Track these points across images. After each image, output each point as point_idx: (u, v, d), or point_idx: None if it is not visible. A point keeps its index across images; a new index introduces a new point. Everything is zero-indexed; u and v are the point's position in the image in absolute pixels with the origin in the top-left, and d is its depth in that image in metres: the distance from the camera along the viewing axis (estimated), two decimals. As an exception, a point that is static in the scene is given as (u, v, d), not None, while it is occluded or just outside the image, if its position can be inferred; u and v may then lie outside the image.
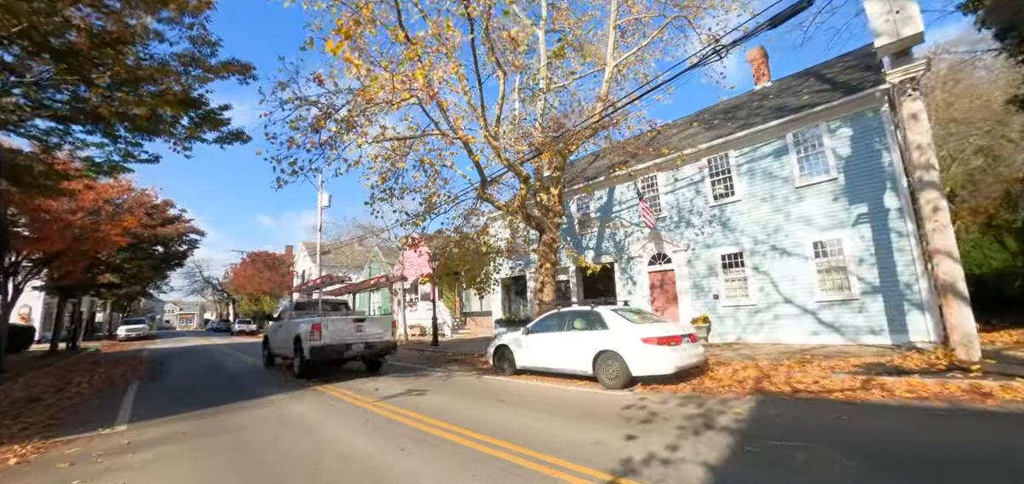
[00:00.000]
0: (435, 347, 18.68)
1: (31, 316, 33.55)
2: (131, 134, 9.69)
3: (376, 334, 12.20)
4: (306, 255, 49.36)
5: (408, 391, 8.90)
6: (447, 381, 10.34)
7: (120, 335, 38.60)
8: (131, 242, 18.42)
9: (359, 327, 11.88)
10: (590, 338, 9.21)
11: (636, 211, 16.93)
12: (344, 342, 11.27)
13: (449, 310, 26.17)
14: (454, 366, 13.37)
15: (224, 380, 11.84)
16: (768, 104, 15.83)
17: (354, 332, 11.66)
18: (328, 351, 10.90)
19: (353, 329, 11.70)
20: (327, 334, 10.96)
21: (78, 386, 11.05)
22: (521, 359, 10.48)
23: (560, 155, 14.55)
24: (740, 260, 14.21)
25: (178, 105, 9.02)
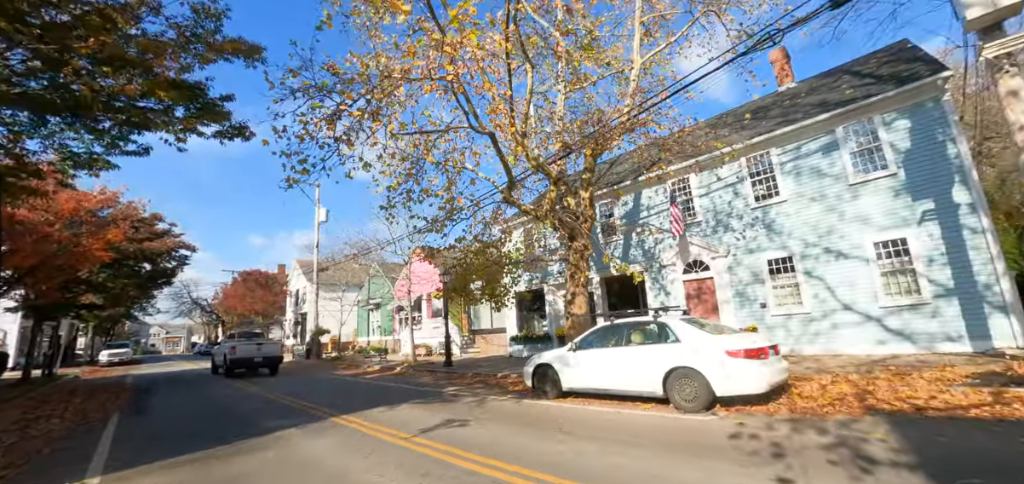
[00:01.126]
0: (449, 367, 17.18)
1: (5, 341, 31.40)
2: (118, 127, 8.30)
3: (270, 350, 19.90)
4: (301, 273, 47.53)
5: (445, 422, 7.47)
6: (482, 407, 8.91)
7: (102, 360, 36.38)
8: (115, 258, 16.83)
9: (259, 346, 19.64)
10: (657, 353, 7.89)
11: (668, 216, 15.74)
12: (250, 355, 19.03)
13: (457, 328, 24.66)
14: (479, 387, 11.93)
15: (221, 411, 10.29)
16: (806, 101, 14.84)
17: (256, 349, 19.39)
18: (241, 361, 18.75)
19: (255, 348, 19.41)
20: (240, 351, 18.96)
21: (47, 422, 9.44)
22: (569, 380, 9.10)
23: (590, 156, 13.37)
24: (789, 265, 13.02)
25: (172, 89, 7.68)
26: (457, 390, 11.76)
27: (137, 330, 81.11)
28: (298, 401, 10.92)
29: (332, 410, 9.20)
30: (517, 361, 17.88)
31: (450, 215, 11.95)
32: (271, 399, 11.79)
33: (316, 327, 29.66)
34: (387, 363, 21.82)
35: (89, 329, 47.38)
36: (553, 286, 19.17)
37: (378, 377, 17.01)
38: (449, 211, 11.92)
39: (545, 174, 12.50)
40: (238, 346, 18.92)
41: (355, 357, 28.68)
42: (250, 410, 10.10)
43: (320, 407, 9.70)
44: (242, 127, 9.03)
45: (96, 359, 39.41)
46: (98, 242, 15.13)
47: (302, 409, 9.66)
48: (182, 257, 22.08)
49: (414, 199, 11.97)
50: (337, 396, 11.67)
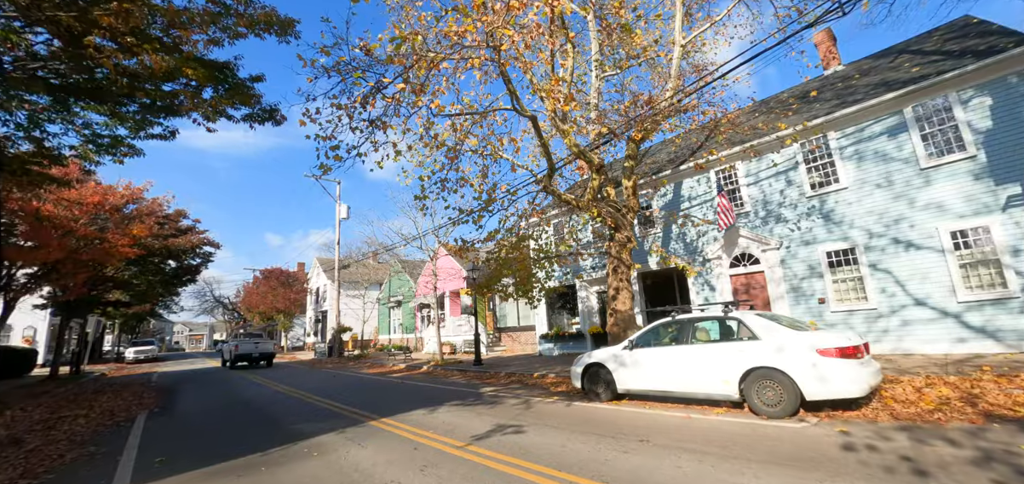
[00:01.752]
0: (478, 366, 16.52)
1: (35, 339, 31.78)
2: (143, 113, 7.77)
3: (265, 348, 24.70)
4: (321, 271, 47.49)
5: (497, 428, 6.77)
6: (531, 411, 8.19)
7: (128, 358, 36.71)
8: (140, 254, 16.55)
9: (256, 344, 24.43)
10: (730, 352, 7.07)
11: (712, 206, 14.82)
12: (249, 352, 23.79)
13: (482, 325, 23.99)
14: (517, 388, 11.22)
15: (251, 412, 9.77)
16: (862, 83, 13.81)
17: (254, 346, 24.25)
18: (242, 356, 23.57)
19: (253, 345, 24.26)
20: (241, 348, 23.78)
21: (72, 422, 9.01)
22: (624, 381, 8.33)
23: (634, 142, 12.55)
24: (851, 257, 12.03)
25: (200, 66, 7.12)
26: (495, 391, 11.07)
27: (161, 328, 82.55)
28: (330, 402, 10.35)
29: (369, 412, 8.58)
30: (548, 360, 17.15)
31: (487, 205, 11.25)
32: (300, 398, 11.26)
33: (338, 325, 29.31)
34: (412, 361, 21.28)
35: (115, 327, 48.05)
36: (586, 282, 18.37)
37: (405, 376, 16.43)
38: (486, 201, 11.23)
39: (587, 161, 11.73)
40: (239, 344, 24.32)
41: (378, 355, 28.26)
42: (281, 411, 9.55)
43: (355, 409, 9.10)
44: (273, 110, 8.46)
45: (122, 356, 39.83)
46: (124, 238, 14.83)
47: (337, 411, 9.06)
48: (206, 254, 21.85)
49: (449, 187, 11.34)
50: (369, 396, 11.08)
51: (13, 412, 10.19)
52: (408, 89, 7.48)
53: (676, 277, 17.27)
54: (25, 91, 6.55)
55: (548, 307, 19.88)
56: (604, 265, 17.85)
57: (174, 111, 8.06)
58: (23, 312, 26.73)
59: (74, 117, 6.81)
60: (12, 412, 10.16)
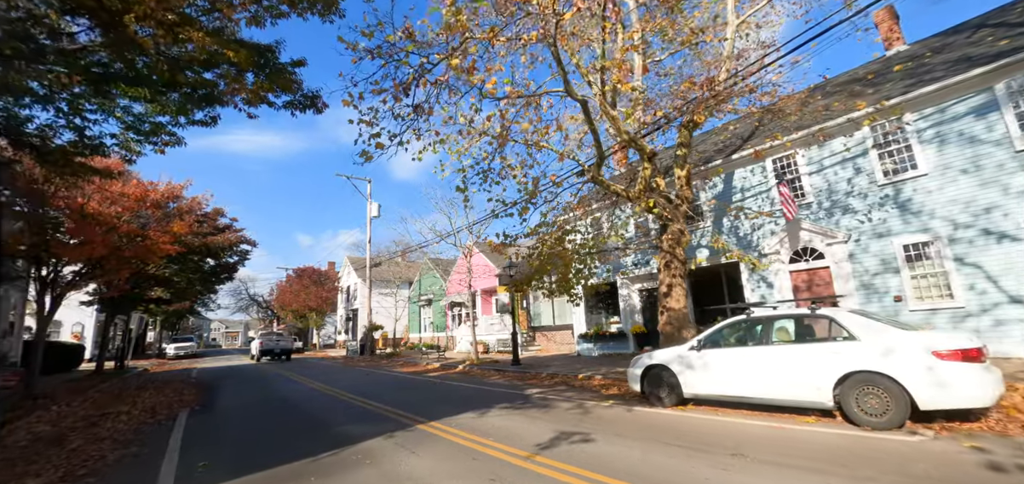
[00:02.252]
0: (517, 365, 15.95)
1: (83, 334, 32.94)
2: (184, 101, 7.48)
3: (285, 344, 30.16)
4: (352, 270, 47.87)
5: (560, 435, 6.15)
6: (590, 416, 7.54)
7: (169, 353, 37.77)
8: (180, 251, 16.63)
9: (277, 341, 29.95)
10: (822, 354, 6.26)
11: (767, 198, 13.84)
12: (272, 347, 28.88)
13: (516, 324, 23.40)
14: (564, 390, 10.57)
15: (292, 412, 9.45)
16: (936, 60, 12.60)
17: (275, 343, 29.45)
18: (266, 351, 28.56)
19: (275, 342, 29.58)
20: (264, 344, 29.15)
21: (115, 418, 8.86)
22: (692, 385, 7.59)
23: (686, 128, 11.74)
24: (933, 250, 10.91)
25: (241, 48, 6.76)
26: (541, 393, 10.46)
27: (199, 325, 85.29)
28: (371, 402, 9.95)
29: (414, 415, 8.09)
30: (589, 361, 16.44)
31: (531, 196, 10.65)
32: (339, 397, 10.92)
33: (369, 323, 29.25)
34: (446, 361, 20.89)
35: (157, 323, 49.61)
36: (628, 279, 17.57)
37: (442, 376, 16.00)
38: (530, 192, 10.63)
39: (638, 149, 10.99)
40: (264, 341, 30.08)
41: (410, 354, 28.05)
42: (323, 411, 9.18)
43: (399, 410, 8.63)
44: (314, 96, 8.06)
45: (163, 352, 41.03)
46: (164, 236, 14.89)
47: (381, 412, 8.62)
48: (243, 252, 22.01)
49: (492, 178, 10.80)
50: (410, 397, 10.64)
51: (59, 407, 10.17)
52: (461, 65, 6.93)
53: (724, 275, 16.28)
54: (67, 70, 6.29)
55: (587, 306, 19.15)
56: (648, 261, 17.04)
57: (215, 99, 7.77)
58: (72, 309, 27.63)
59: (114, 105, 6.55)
60: (58, 407, 10.14)
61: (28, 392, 10.82)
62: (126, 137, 7.08)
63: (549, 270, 12.86)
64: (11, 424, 8.22)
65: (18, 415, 9.08)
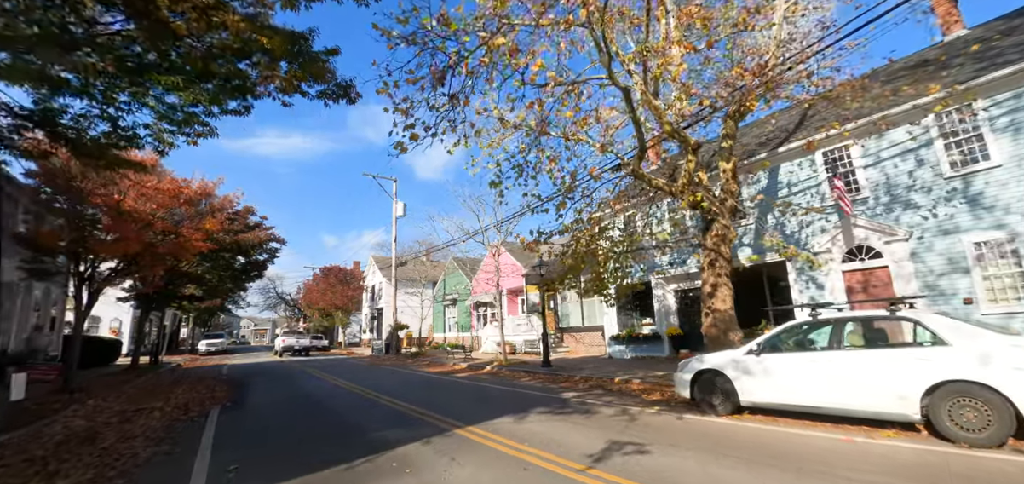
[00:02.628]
0: (547, 367, 15.48)
1: (121, 330, 33.93)
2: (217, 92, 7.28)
3: (304, 342, 34.62)
4: (377, 269, 48.18)
5: (612, 445, 5.66)
6: (637, 424, 7.02)
7: (201, 349, 38.66)
8: (212, 248, 16.77)
9: (297, 339, 34.74)
10: (906, 361, 5.60)
11: (816, 194, 13.01)
12: (292, 345, 33.46)
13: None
14: (601, 394, 10.05)
15: (322, 412, 9.22)
16: (1012, 41, 11.58)
17: (296, 340, 34.28)
18: (287, 348, 33.27)
19: (295, 340, 34.39)
20: (285, 342, 34.02)
21: (148, 415, 8.77)
22: (749, 391, 6.99)
23: (731, 119, 11.07)
24: (1009, 248, 9.98)
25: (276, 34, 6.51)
26: (578, 397, 9.96)
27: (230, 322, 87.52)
28: (402, 403, 9.63)
29: (449, 418, 7.71)
30: (622, 363, 15.85)
31: (568, 191, 10.18)
32: (369, 397, 10.66)
33: (395, 322, 29.22)
34: (473, 361, 20.55)
35: (189, 320, 50.97)
36: (662, 279, 16.89)
37: (470, 376, 15.65)
38: (568, 186, 10.16)
39: (681, 141, 10.40)
40: (285, 339, 34.85)
41: (435, 353, 27.87)
42: (353, 411, 8.91)
43: (433, 413, 8.28)
44: (347, 86, 7.78)
45: (196, 348, 42.04)
46: (197, 233, 15.00)
47: (414, 415, 8.28)
48: (272, 250, 22.19)
49: (528, 172, 10.37)
50: (442, 398, 10.30)
51: (95, 402, 10.20)
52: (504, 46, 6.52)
53: (766, 276, 15.46)
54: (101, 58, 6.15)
55: (619, 307, 18.53)
56: (684, 260, 16.34)
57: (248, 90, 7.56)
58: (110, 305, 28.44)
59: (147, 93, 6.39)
60: (94, 402, 10.16)
61: (66, 386, 10.92)
62: (159, 128, 6.94)
63: (583, 269, 12.33)
64: (48, 418, 8.19)
65: (55, 409, 9.09)
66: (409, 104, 7.96)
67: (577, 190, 10.88)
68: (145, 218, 12.62)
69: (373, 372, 18.38)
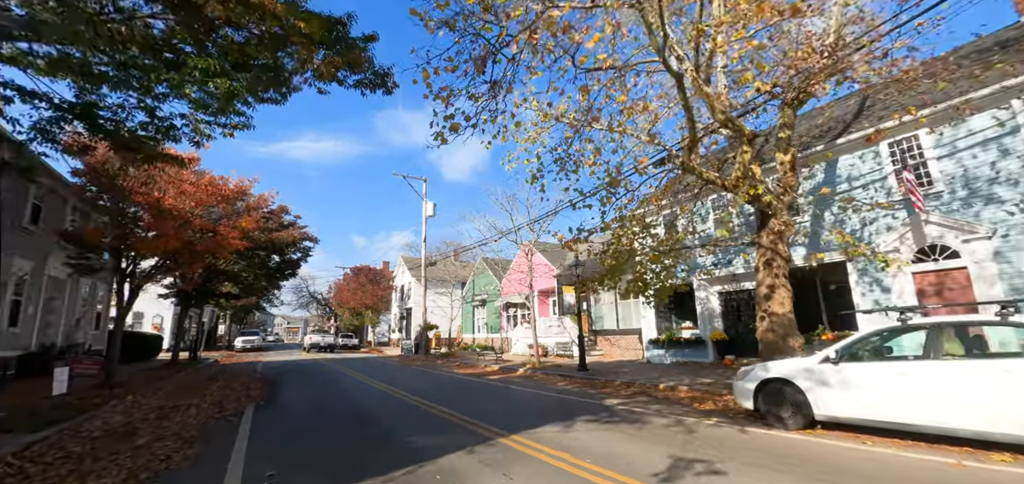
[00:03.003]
0: (584, 371, 14.87)
1: (162, 326, 35.07)
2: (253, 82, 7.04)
3: (329, 340, 42.31)
4: (406, 269, 48.42)
5: (678, 462, 5.08)
6: (698, 437, 6.39)
7: (237, 346, 39.61)
8: (248, 246, 16.89)
9: (323, 337, 42.50)
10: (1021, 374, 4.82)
11: (880, 188, 11.99)
12: (317, 342, 40.66)
13: (576, 327, 22.26)
14: (649, 401, 9.41)
15: (357, 414, 8.93)
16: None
17: (321, 339, 41.77)
18: (313, 345, 40.45)
19: (321, 338, 41.97)
20: (314, 339, 41.57)
21: (184, 412, 8.65)
22: (826, 404, 6.26)
23: (789, 107, 10.27)
24: (1118, 249, 8.84)
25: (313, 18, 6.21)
26: (623, 404, 9.35)
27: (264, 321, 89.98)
28: (438, 407, 9.25)
29: (491, 425, 7.25)
30: (659, 369, 15.12)
31: (614, 185, 9.60)
32: (404, 399, 10.33)
33: (424, 322, 29.07)
34: (504, 363, 20.10)
35: (226, 317, 52.48)
36: (706, 281, 16.04)
37: (503, 379, 15.20)
38: (613, 180, 9.58)
39: (735, 130, 9.68)
40: (312, 337, 41.58)
41: (465, 354, 27.56)
42: (388, 414, 8.58)
43: (472, 419, 7.84)
44: (385, 74, 7.46)
45: (232, 345, 43.18)
46: (234, 231, 15.09)
47: (453, 420, 7.87)
48: (305, 248, 22.35)
49: (569, 167, 9.85)
50: (479, 403, 9.87)
51: (134, 397, 10.21)
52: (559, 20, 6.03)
53: (819, 279, 14.44)
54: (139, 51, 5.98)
55: (657, 309, 17.75)
56: (730, 261, 15.47)
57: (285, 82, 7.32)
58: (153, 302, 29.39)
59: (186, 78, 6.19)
60: (133, 397, 10.17)
61: (107, 381, 11.02)
62: (195, 118, 6.77)
63: (625, 269, 11.69)
64: (89, 413, 8.16)
65: (96, 404, 9.09)
66: (449, 93, 7.56)
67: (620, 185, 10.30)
68: (184, 216, 12.69)
69: (404, 372, 18.16)
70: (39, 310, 14.53)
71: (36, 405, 8.13)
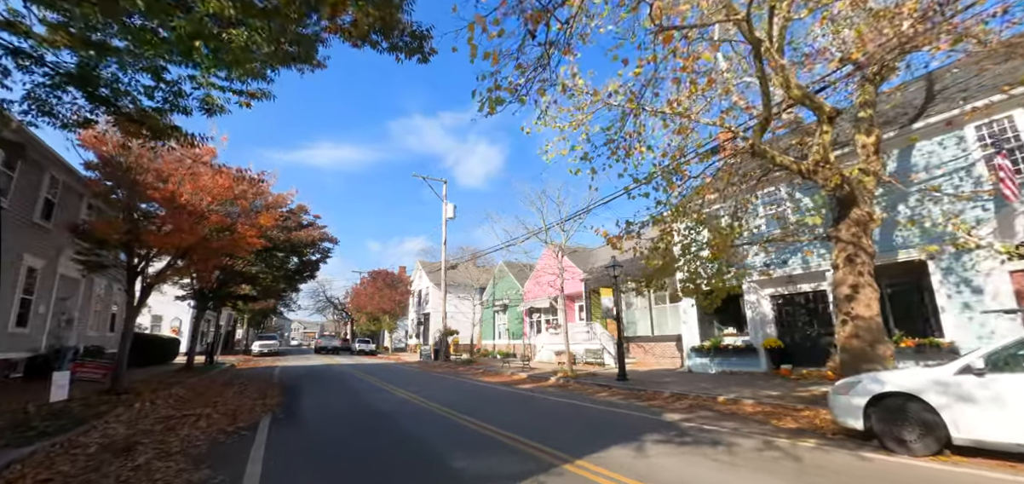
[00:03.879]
0: (623, 381, 13.68)
1: (181, 329, 34.69)
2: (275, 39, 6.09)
3: (334, 343, 46.20)
4: (424, 274, 47.64)
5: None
6: (806, 467, 5.21)
7: (254, 350, 39.15)
8: (266, 245, 16.14)
9: (329, 340, 48.51)
10: None
11: (967, 176, 10.65)
12: (325, 345, 45.84)
13: (606, 333, 21.05)
14: (714, 416, 8.22)
15: (387, 430, 7.92)
16: None
17: (328, 341, 47.53)
18: (321, 348, 45.45)
19: (328, 341, 48.24)
20: (322, 342, 47.92)
21: (194, 424, 7.73)
22: (970, 425, 5.03)
23: (870, 83, 9.05)
24: None
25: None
26: (685, 419, 8.18)
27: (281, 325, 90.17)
28: (477, 422, 8.18)
29: (545, 446, 6.15)
30: (704, 379, 13.88)
31: (675, 169, 8.48)
32: (436, 412, 9.29)
33: (444, 328, 28.11)
34: (532, 370, 18.95)
35: (244, 321, 52.28)
36: (755, 283, 14.74)
37: (536, 389, 14.09)
38: (674, 165, 8.47)
39: (815, 108, 8.48)
40: (320, 340, 46.70)
41: (489, 362, 26.47)
42: (423, 430, 7.55)
43: (520, 438, 6.76)
44: (422, 36, 6.48)
45: (249, 349, 42.78)
46: (251, 229, 14.32)
47: (500, 439, 6.80)
48: (325, 250, 21.58)
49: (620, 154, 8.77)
50: (518, 415, 8.81)
51: (141, 404, 9.36)
52: None
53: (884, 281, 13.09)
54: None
55: (699, 315, 16.48)
56: (784, 261, 14.15)
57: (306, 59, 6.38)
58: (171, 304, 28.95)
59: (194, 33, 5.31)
60: (140, 404, 9.32)
61: (114, 386, 10.21)
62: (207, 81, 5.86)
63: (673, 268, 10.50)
64: (88, 423, 7.29)
65: (99, 412, 8.24)
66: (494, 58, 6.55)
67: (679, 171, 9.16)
68: (199, 210, 11.90)
69: (428, 380, 17.16)
70: (50, 310, 13.89)
71: (30, 414, 7.29)
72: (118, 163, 11.25)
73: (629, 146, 8.82)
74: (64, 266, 14.20)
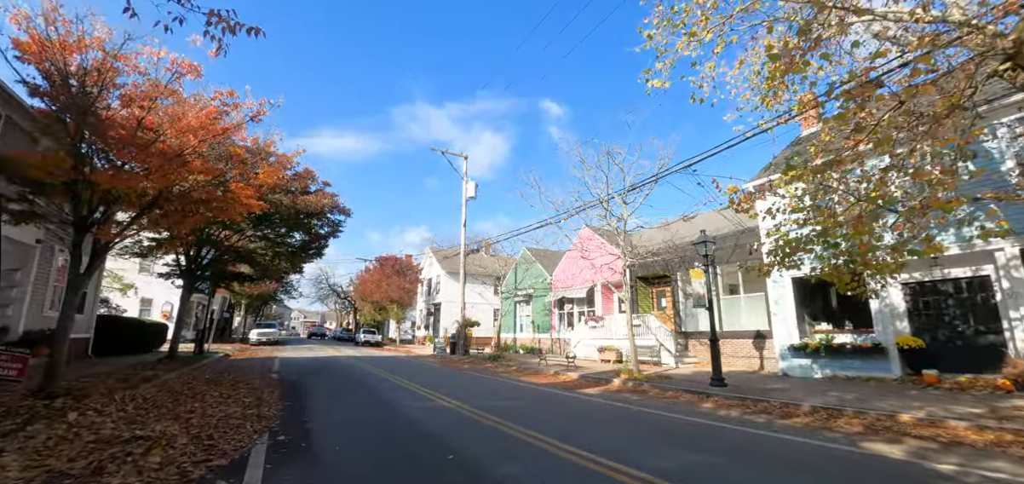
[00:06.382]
0: (721, 385, 10.69)
1: (172, 314, 31.64)
2: None
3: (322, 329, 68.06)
4: (434, 261, 44.66)
5: None
6: None
7: (252, 339, 36.22)
8: (266, 209, 13.13)
9: (318, 326, 73.57)
10: None
11: None
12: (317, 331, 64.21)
13: (664, 328, 18.01)
14: (930, 447, 5.22)
15: (452, 468, 4.89)
16: None
17: (318, 327, 70.78)
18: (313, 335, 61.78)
19: (318, 327, 71.37)
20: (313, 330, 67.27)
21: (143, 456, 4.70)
22: None
23: None
24: None
25: None
26: (898, 449, 5.17)
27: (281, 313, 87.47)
28: (566, 447, 5.19)
29: None
30: (806, 383, 10.96)
31: (878, 83, 5.38)
32: (505, 431, 6.29)
33: (463, 319, 25.10)
34: (580, 369, 15.89)
35: (242, 308, 49.38)
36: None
37: (605, 393, 11.13)
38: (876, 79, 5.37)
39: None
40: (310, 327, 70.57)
41: (517, 357, 23.45)
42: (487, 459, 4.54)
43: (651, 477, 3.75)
44: None
45: (247, 337, 39.82)
46: (248, 188, 11.30)
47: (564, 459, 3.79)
48: (335, 222, 18.51)
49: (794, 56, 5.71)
50: (617, 439, 5.85)
51: (81, 414, 6.32)
52: None
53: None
54: None
55: (797, 307, 13.43)
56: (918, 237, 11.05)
57: None
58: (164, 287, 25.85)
59: None
60: (78, 415, 6.28)
61: (46, 385, 7.19)
62: None
63: (843, 233, 7.42)
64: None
65: (3, 431, 5.27)
66: None
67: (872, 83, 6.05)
68: (175, 151, 8.85)
69: (459, 379, 14.19)
70: (-13, 282, 10.86)
71: None
72: (64, 77, 8.18)
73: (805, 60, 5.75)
74: (10, 229, 11.16)
